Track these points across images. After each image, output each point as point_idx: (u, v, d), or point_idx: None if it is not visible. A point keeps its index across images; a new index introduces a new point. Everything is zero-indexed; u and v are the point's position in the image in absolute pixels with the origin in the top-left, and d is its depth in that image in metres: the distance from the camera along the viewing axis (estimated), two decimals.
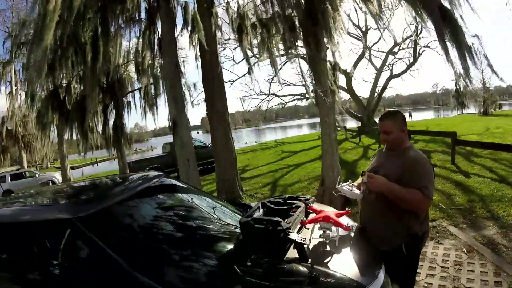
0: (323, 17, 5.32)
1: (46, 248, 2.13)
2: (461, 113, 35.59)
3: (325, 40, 5.78)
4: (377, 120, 6.30)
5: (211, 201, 3.18)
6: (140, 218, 2.47)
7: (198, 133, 71.59)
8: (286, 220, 2.08)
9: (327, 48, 6.21)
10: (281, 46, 7.58)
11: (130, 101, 12.33)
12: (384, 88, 24.06)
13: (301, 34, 5.89)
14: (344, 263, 1.98)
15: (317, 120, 7.47)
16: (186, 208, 2.89)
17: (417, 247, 2.20)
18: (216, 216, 2.83)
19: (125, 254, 1.93)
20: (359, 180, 2.31)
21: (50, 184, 17.15)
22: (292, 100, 24.26)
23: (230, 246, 2.28)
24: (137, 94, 12.39)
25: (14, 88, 21.05)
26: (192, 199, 3.12)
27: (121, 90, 11.19)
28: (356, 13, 31.72)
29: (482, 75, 26.74)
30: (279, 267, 1.71)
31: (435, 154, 9.25)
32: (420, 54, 22.74)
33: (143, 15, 7.90)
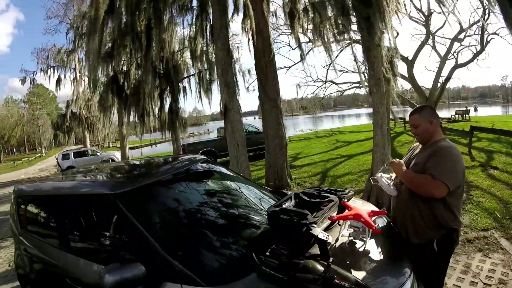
0: None
1: (88, 218, 2.49)
2: None
3: (381, 25, 5.42)
4: (439, 113, 5.73)
5: (250, 188, 3.17)
6: (173, 198, 2.59)
7: (254, 118, 71.61)
8: (314, 214, 1.99)
9: (383, 33, 5.81)
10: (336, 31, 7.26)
11: (185, 87, 12.84)
12: (448, 78, 21.91)
13: (354, 17, 5.57)
14: (368, 267, 1.88)
15: None
16: (220, 193, 2.91)
17: (449, 246, 2.13)
18: (249, 203, 2.81)
19: (154, 230, 2.12)
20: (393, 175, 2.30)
21: (110, 161, 18.63)
22: (350, 88, 23.21)
23: (255, 234, 2.26)
24: (192, 79, 12.84)
25: (78, 74, 23.45)
26: (229, 184, 3.15)
27: (176, 75, 11.61)
28: None
29: None
30: (295, 262, 1.64)
31: (497, 155, 8.28)
32: (488, 42, 20.06)
33: (194, 3, 8.11)
